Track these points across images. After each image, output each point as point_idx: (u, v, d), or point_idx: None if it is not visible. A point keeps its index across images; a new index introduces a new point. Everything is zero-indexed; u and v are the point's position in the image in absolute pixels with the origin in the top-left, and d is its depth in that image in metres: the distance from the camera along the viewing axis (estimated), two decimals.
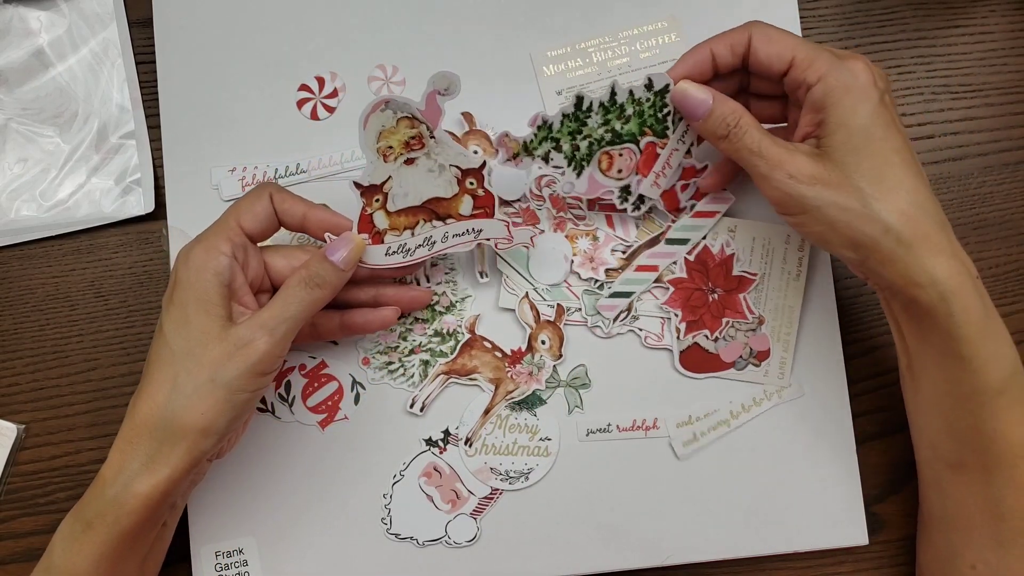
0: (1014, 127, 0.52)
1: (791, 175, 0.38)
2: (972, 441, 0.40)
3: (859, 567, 0.50)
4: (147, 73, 0.52)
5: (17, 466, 0.50)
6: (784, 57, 0.40)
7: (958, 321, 0.38)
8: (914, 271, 0.38)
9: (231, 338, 0.38)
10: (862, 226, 0.38)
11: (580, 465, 0.48)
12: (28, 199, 0.51)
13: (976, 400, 0.39)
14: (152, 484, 0.38)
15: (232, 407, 0.38)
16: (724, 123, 0.40)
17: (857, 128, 0.38)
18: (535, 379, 0.48)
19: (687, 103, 0.42)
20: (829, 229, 0.39)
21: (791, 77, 0.40)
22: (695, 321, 0.48)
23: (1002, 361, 0.39)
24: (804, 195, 0.38)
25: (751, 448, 0.48)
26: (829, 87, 0.39)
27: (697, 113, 0.41)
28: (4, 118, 0.52)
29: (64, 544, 0.39)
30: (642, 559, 0.48)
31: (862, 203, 0.38)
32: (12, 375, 0.50)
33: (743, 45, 0.41)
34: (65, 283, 0.51)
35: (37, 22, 0.52)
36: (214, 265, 0.39)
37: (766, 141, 0.40)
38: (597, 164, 0.45)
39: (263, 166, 0.50)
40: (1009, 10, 0.53)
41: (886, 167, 0.38)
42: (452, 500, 0.48)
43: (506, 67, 0.50)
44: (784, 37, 0.40)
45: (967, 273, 0.39)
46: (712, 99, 0.41)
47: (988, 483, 0.40)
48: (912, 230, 0.38)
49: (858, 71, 0.39)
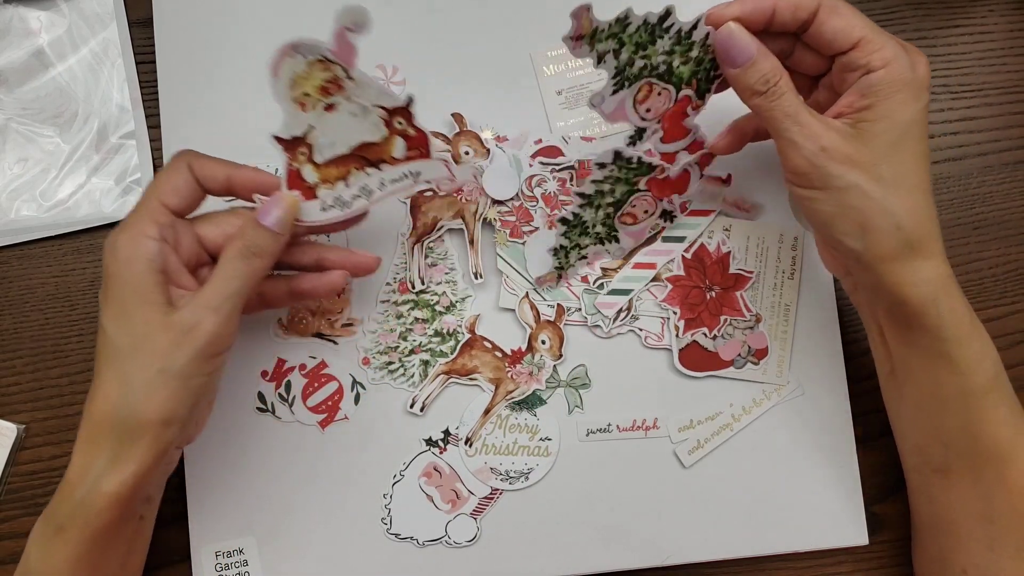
0: (1013, 127, 0.52)
1: (824, 148, 0.37)
2: (959, 444, 0.40)
3: (859, 567, 0.50)
4: (147, 73, 0.52)
5: (17, 466, 0.50)
6: (852, 35, 0.38)
7: (946, 322, 0.38)
8: (909, 271, 0.38)
9: (175, 324, 0.37)
10: (876, 216, 0.37)
11: (580, 465, 0.48)
12: (28, 199, 0.51)
13: (963, 401, 0.39)
14: (120, 481, 0.37)
15: (189, 394, 0.37)
16: (764, 79, 0.38)
17: (901, 123, 0.37)
18: (535, 379, 0.48)
19: (731, 47, 0.39)
20: (840, 212, 0.38)
21: (851, 57, 0.38)
22: (693, 319, 0.48)
23: (986, 361, 0.39)
24: (832, 172, 0.37)
25: (751, 448, 0.48)
26: (892, 76, 0.37)
27: (738, 60, 0.39)
28: (4, 118, 0.52)
29: (39, 549, 0.38)
30: (642, 559, 0.48)
31: (883, 193, 0.37)
32: (12, 375, 0.50)
33: (809, 11, 0.39)
34: (65, 283, 0.51)
35: (37, 22, 0.52)
36: (143, 252, 0.37)
37: (803, 108, 0.38)
38: (635, 91, 0.42)
39: (263, 166, 0.49)
40: (1008, 10, 0.53)
41: (912, 168, 0.38)
42: (452, 500, 0.48)
43: (506, 67, 0.50)
44: (852, 12, 0.39)
45: (952, 278, 0.39)
46: (756, 46, 0.39)
47: (976, 486, 0.40)
48: (917, 231, 0.38)
49: (921, 68, 0.38)
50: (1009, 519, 0.40)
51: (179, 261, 0.39)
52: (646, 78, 0.42)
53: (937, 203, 0.51)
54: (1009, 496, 0.39)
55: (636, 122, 0.43)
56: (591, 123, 0.50)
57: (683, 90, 0.43)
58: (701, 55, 0.41)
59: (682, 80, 0.42)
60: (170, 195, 0.39)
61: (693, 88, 0.43)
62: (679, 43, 0.41)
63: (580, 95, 0.50)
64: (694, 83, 0.43)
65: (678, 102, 0.43)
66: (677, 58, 0.41)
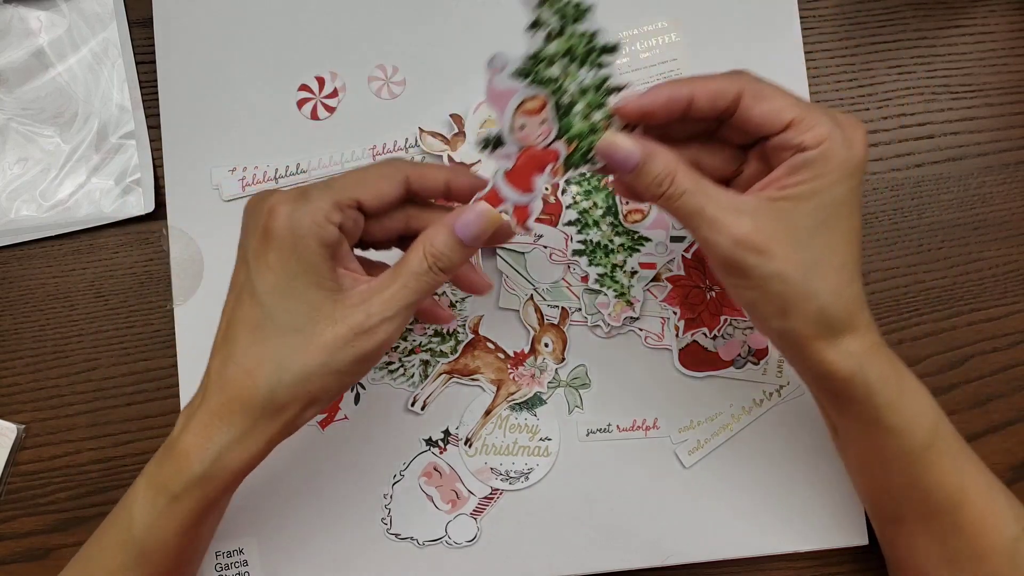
0: (1014, 127, 0.52)
1: (738, 241, 0.35)
2: (909, 497, 0.40)
3: (859, 567, 0.50)
4: (147, 73, 0.52)
5: (17, 466, 0.50)
6: (782, 118, 0.36)
7: (875, 390, 0.37)
8: (832, 349, 0.37)
9: (347, 321, 0.35)
10: (798, 301, 0.36)
11: (580, 465, 0.48)
12: (28, 199, 0.51)
13: (906, 460, 0.39)
14: (247, 458, 0.36)
15: (342, 388, 0.37)
16: (656, 181, 0.36)
17: (830, 202, 0.35)
18: (537, 381, 0.48)
19: (612, 158, 0.36)
20: (762, 298, 0.36)
21: (784, 138, 0.36)
22: (694, 319, 0.48)
23: (922, 419, 0.38)
24: (749, 263, 0.35)
25: (751, 448, 0.48)
26: (824, 155, 0.35)
27: (624, 169, 0.36)
28: (4, 118, 0.52)
29: (147, 516, 0.37)
30: (642, 559, 0.48)
31: (804, 278, 0.35)
32: (12, 375, 0.50)
33: (729, 100, 0.36)
34: (65, 283, 0.51)
35: (37, 22, 0.52)
36: (322, 234, 0.36)
37: (707, 200, 0.35)
38: (529, 95, 0.36)
39: (263, 166, 0.50)
40: (1009, 10, 0.53)
41: (839, 245, 0.36)
42: (452, 500, 0.48)
43: None
44: (778, 94, 0.36)
45: (879, 342, 0.38)
46: (640, 153, 0.36)
47: (932, 533, 0.40)
48: (841, 312, 0.36)
49: (857, 144, 0.36)
50: (969, 561, 0.39)
51: (350, 246, 0.38)
52: (548, 91, 0.36)
53: (937, 203, 0.51)
54: (966, 540, 0.39)
55: (504, 128, 0.36)
56: None
57: (559, 143, 0.37)
58: (599, 126, 0.37)
59: (568, 131, 0.37)
60: (370, 196, 0.38)
61: (568, 149, 0.37)
62: (596, 92, 0.37)
63: None
64: (573, 145, 0.37)
65: (547, 149, 0.37)
66: (582, 104, 0.36)
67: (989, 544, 0.39)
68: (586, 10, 0.35)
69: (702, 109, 0.36)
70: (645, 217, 0.48)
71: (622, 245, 0.48)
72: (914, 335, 0.50)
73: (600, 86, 0.36)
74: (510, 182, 0.36)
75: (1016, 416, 0.50)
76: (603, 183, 0.48)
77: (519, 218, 0.37)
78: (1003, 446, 0.50)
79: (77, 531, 0.49)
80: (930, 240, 0.51)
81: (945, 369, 0.50)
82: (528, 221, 0.37)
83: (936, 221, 0.51)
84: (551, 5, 0.35)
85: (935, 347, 0.50)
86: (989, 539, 0.39)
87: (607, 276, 0.48)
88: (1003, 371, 0.50)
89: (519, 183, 0.36)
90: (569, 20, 0.35)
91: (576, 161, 0.37)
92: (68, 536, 0.49)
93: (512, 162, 0.36)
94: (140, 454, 0.50)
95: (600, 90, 0.36)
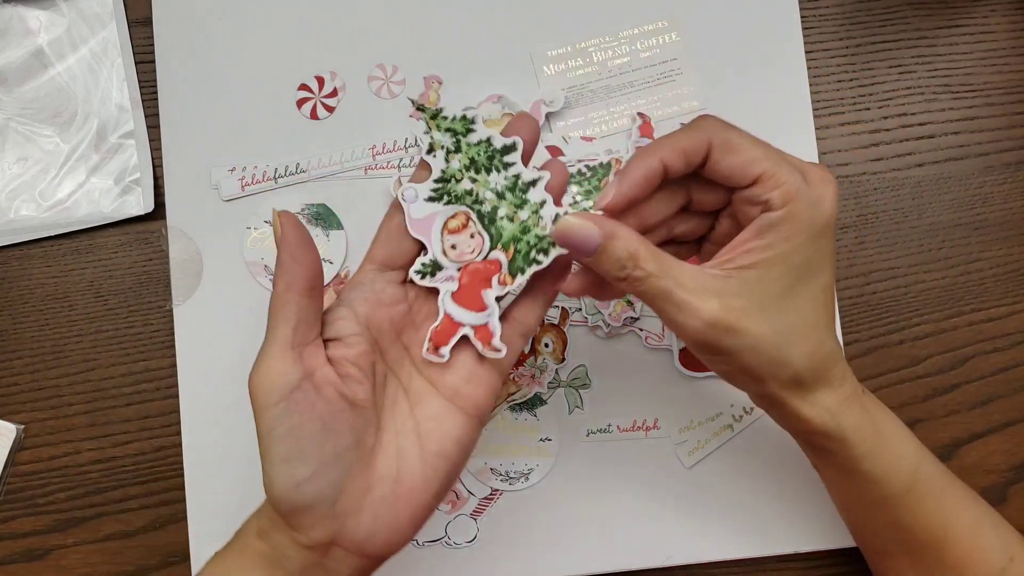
0: (1015, 127, 0.52)
1: (707, 322, 0.33)
2: (894, 534, 0.40)
3: (860, 568, 0.50)
4: (146, 73, 0.52)
5: (16, 466, 0.50)
6: (751, 172, 0.34)
7: (852, 442, 0.37)
8: (807, 404, 0.37)
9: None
10: (772, 368, 0.35)
11: (580, 465, 0.48)
12: (27, 199, 0.51)
13: (887, 503, 0.39)
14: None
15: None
16: (619, 264, 0.34)
17: (799, 264, 0.35)
18: (537, 382, 0.48)
19: (571, 243, 0.34)
20: (736, 370, 0.36)
21: (751, 193, 0.35)
22: None
23: (902, 463, 0.38)
24: (721, 342, 0.34)
25: (752, 449, 0.48)
26: (791, 216, 0.34)
27: (585, 253, 0.34)
28: (3, 118, 0.52)
29: None
30: (642, 560, 0.47)
31: (777, 349, 0.35)
32: (11, 375, 0.50)
33: (700, 154, 0.35)
34: (64, 283, 0.51)
35: (36, 21, 0.52)
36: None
37: (674, 284, 0.34)
38: (450, 214, 0.36)
39: (262, 166, 0.49)
40: (1010, 10, 0.53)
41: (809, 307, 0.35)
42: (452, 501, 0.48)
43: (506, 66, 0.50)
44: (745, 144, 0.35)
45: (855, 394, 0.38)
46: (599, 233, 0.33)
47: (918, 567, 0.40)
48: (814, 371, 0.36)
49: (826, 201, 0.35)
50: None
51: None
52: (467, 206, 0.36)
53: (938, 203, 0.51)
54: (953, 574, 0.40)
55: (436, 251, 0.35)
56: (591, 123, 0.50)
57: (496, 252, 0.35)
58: (529, 224, 0.35)
59: (500, 238, 0.35)
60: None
61: (508, 256, 0.35)
62: (512, 192, 0.35)
63: (580, 95, 0.50)
64: (511, 250, 0.35)
65: (487, 261, 0.36)
66: (506, 207, 0.35)
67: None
68: (472, 121, 0.35)
69: (677, 170, 0.35)
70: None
71: None
72: (914, 335, 0.50)
73: (515, 186, 0.35)
74: (460, 304, 0.35)
75: (1017, 416, 0.50)
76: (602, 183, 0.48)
77: (483, 340, 0.35)
78: (1003, 446, 0.50)
79: (76, 531, 0.49)
80: (931, 240, 0.51)
81: (945, 369, 0.50)
82: (494, 341, 0.35)
83: (937, 221, 0.51)
84: (439, 127, 0.35)
85: (935, 347, 0.50)
86: (976, 572, 0.39)
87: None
88: (1003, 371, 0.50)
89: (470, 302, 0.35)
90: (461, 134, 0.35)
91: (520, 265, 0.35)
92: (67, 536, 0.49)
93: (456, 283, 0.35)
94: (139, 454, 0.50)
95: (516, 189, 0.35)
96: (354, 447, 0.33)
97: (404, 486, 0.34)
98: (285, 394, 0.32)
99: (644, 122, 0.49)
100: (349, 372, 0.34)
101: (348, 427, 0.33)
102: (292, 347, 0.33)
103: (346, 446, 0.33)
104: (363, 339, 0.35)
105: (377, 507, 0.33)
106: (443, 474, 0.34)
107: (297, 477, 0.32)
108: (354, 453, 0.33)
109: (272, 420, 0.32)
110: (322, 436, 0.32)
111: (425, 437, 0.35)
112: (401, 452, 0.34)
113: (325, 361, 0.34)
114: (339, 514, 0.33)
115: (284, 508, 0.32)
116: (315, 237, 0.47)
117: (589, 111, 0.50)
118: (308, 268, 0.34)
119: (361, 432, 0.34)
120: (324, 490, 0.32)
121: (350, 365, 0.34)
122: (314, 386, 0.33)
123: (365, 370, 0.34)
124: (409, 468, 0.34)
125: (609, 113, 0.50)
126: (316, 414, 0.32)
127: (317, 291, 0.34)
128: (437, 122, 0.35)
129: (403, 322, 0.36)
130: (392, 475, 0.34)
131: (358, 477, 0.33)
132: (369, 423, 0.34)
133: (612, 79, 0.50)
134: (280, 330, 0.33)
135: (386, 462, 0.34)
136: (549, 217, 0.35)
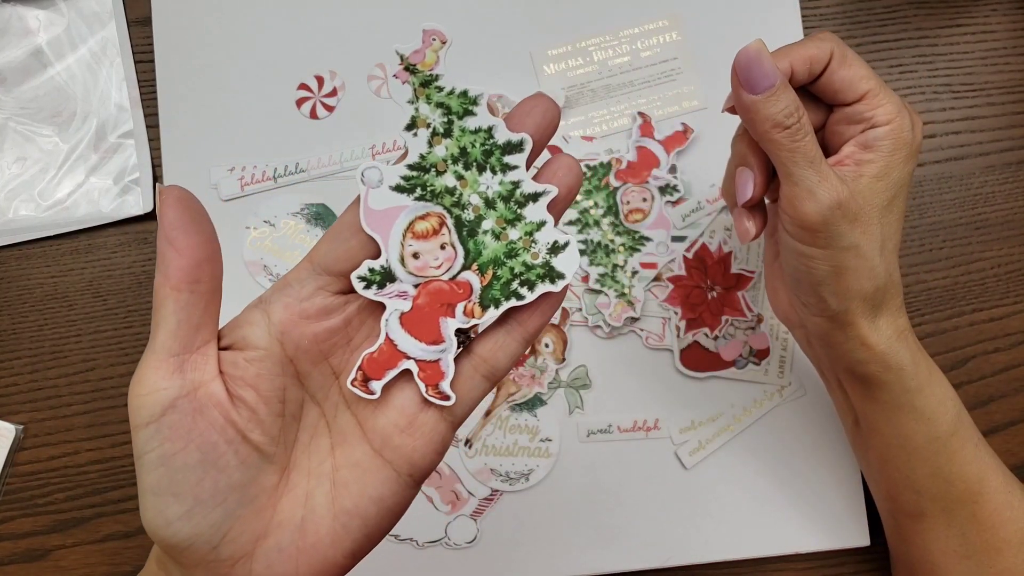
0: (1016, 126, 0.52)
1: (839, 204, 0.34)
2: (931, 489, 0.40)
3: (861, 568, 0.50)
4: (146, 72, 0.52)
5: (15, 467, 0.49)
6: (859, 88, 0.36)
7: (907, 374, 0.38)
8: (872, 329, 0.37)
9: None
10: (864, 278, 0.36)
11: (581, 466, 0.48)
12: (26, 199, 0.51)
13: (931, 448, 0.39)
14: None
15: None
16: (788, 111, 0.33)
17: (897, 182, 0.36)
18: (537, 382, 0.48)
19: (753, 69, 0.33)
20: (834, 272, 0.36)
21: (856, 109, 0.36)
22: (695, 319, 0.48)
23: (948, 403, 0.39)
24: (841, 231, 0.34)
25: (752, 449, 0.48)
26: (895, 134, 0.35)
27: (759, 86, 0.33)
28: (2, 117, 0.51)
29: None
30: (643, 560, 0.47)
31: (874, 256, 0.36)
32: (10, 375, 0.50)
33: (822, 63, 0.35)
34: (63, 283, 0.51)
35: (36, 21, 0.52)
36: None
37: (822, 155, 0.34)
38: (419, 214, 0.28)
39: (262, 165, 0.49)
40: (1011, 9, 0.53)
41: (896, 225, 0.37)
42: (452, 501, 0.47)
43: (506, 65, 0.50)
44: (861, 64, 0.36)
45: (908, 328, 0.39)
46: (781, 76, 0.33)
47: (951, 527, 0.40)
48: (887, 293, 0.37)
49: (918, 131, 0.36)
50: (985, 554, 0.40)
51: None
52: (444, 208, 0.28)
53: (939, 202, 0.51)
54: (983, 532, 0.40)
55: (392, 256, 0.27)
56: (591, 122, 0.50)
57: (469, 273, 0.28)
58: (519, 247, 0.28)
59: (478, 256, 0.28)
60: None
61: (483, 281, 0.28)
62: (507, 201, 0.28)
63: (580, 94, 0.50)
64: (488, 275, 0.28)
65: (455, 282, 0.28)
66: (493, 219, 0.28)
67: (1005, 537, 0.39)
68: (474, 100, 0.28)
69: (800, 78, 0.36)
70: (646, 217, 0.48)
71: (623, 245, 0.48)
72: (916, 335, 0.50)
73: (511, 194, 0.28)
74: (409, 330, 0.27)
75: (1018, 416, 0.50)
76: (603, 182, 0.48)
77: (428, 381, 0.27)
78: (1005, 446, 0.50)
79: (75, 532, 0.49)
80: (932, 240, 0.51)
81: (947, 369, 0.50)
82: (442, 385, 0.27)
83: (938, 221, 0.51)
84: (428, 98, 0.28)
85: (937, 347, 0.50)
86: (1006, 531, 0.39)
87: (608, 276, 0.48)
88: (1005, 371, 0.50)
89: (421, 330, 0.28)
90: (457, 115, 0.28)
91: (496, 296, 0.28)
92: (66, 537, 0.49)
93: (409, 302, 0.28)
94: None
95: (512, 199, 0.28)
96: (243, 486, 0.27)
97: (307, 540, 0.27)
98: (155, 415, 0.26)
99: (644, 121, 0.49)
100: (243, 396, 0.27)
101: (237, 462, 0.27)
102: (171, 354, 0.26)
103: (230, 484, 0.26)
104: (268, 357, 0.27)
105: (272, 558, 0.27)
106: (357, 535, 0.28)
107: (167, 515, 0.26)
108: (243, 493, 0.27)
109: (142, 443, 0.26)
110: (200, 470, 0.26)
111: (341, 487, 0.28)
112: (310, 499, 0.28)
113: (216, 375, 0.27)
114: (224, 558, 0.27)
115: (159, 543, 0.27)
116: (315, 238, 0.47)
117: (589, 110, 0.50)
118: (188, 256, 0.26)
119: (255, 469, 0.27)
120: (202, 531, 0.26)
121: (246, 387, 0.27)
122: (195, 407, 0.26)
123: (265, 396, 0.27)
124: (315, 520, 0.28)
125: (609, 112, 0.50)
126: (193, 443, 0.26)
127: (205, 283, 0.27)
128: (428, 91, 0.28)
129: (333, 340, 0.28)
130: (295, 523, 0.27)
131: (251, 520, 0.27)
132: (268, 460, 0.27)
133: (612, 78, 0.50)
134: (158, 334, 0.27)
135: (291, 506, 0.28)
136: (545, 243, 0.28)
